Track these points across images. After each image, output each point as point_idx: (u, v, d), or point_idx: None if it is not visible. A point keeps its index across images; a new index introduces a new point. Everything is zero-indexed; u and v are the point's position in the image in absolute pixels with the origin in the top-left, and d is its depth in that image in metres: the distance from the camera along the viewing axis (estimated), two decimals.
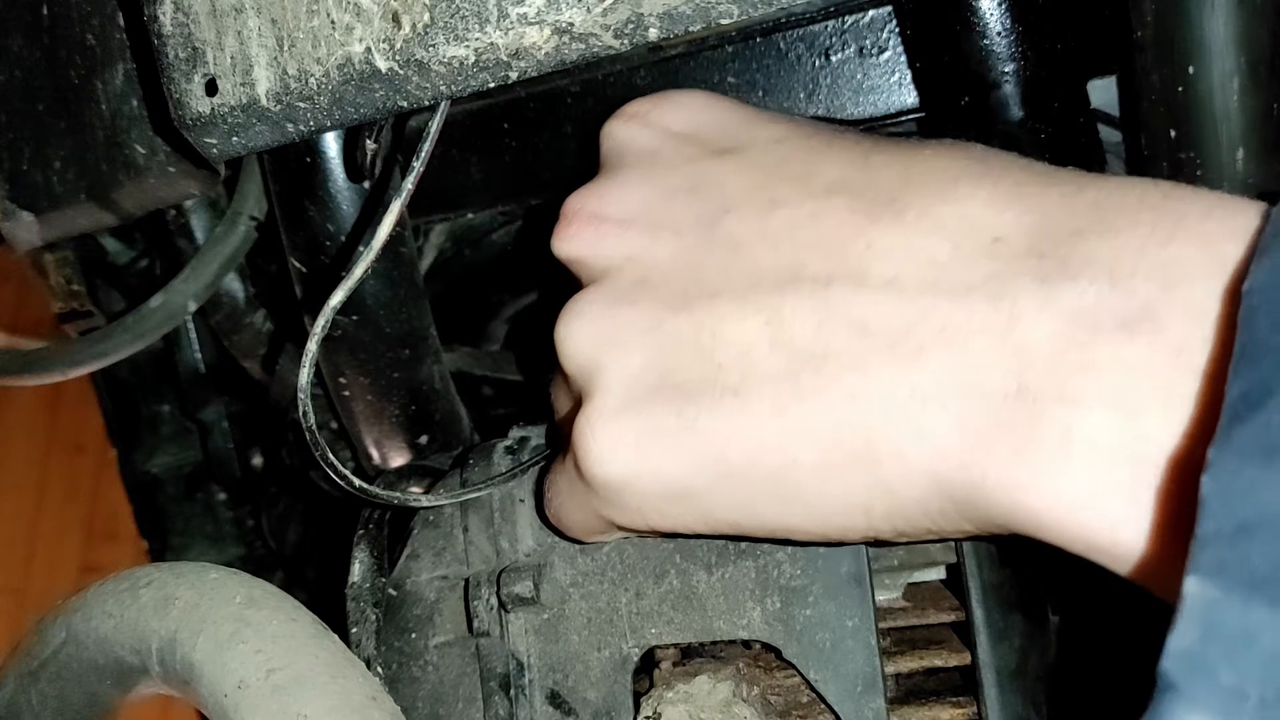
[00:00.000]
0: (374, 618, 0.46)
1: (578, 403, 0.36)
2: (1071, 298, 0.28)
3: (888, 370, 0.30)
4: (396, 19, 0.40)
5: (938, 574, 0.42)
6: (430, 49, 0.39)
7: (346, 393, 0.56)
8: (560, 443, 0.43)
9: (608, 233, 0.36)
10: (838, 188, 0.33)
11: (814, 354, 0.31)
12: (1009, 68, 0.43)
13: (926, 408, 0.29)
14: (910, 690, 0.41)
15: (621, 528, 0.37)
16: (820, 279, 0.32)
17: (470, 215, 0.62)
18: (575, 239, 0.37)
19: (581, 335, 0.35)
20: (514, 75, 0.40)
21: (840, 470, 0.31)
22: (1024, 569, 0.40)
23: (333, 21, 0.40)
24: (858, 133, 0.37)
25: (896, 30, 0.49)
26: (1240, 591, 0.21)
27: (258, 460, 0.85)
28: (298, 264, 0.53)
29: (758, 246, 0.33)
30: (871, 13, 0.49)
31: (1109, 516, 0.27)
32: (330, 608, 0.43)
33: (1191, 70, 0.37)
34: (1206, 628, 0.21)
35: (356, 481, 0.42)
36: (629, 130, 0.39)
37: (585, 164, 0.54)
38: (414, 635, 0.45)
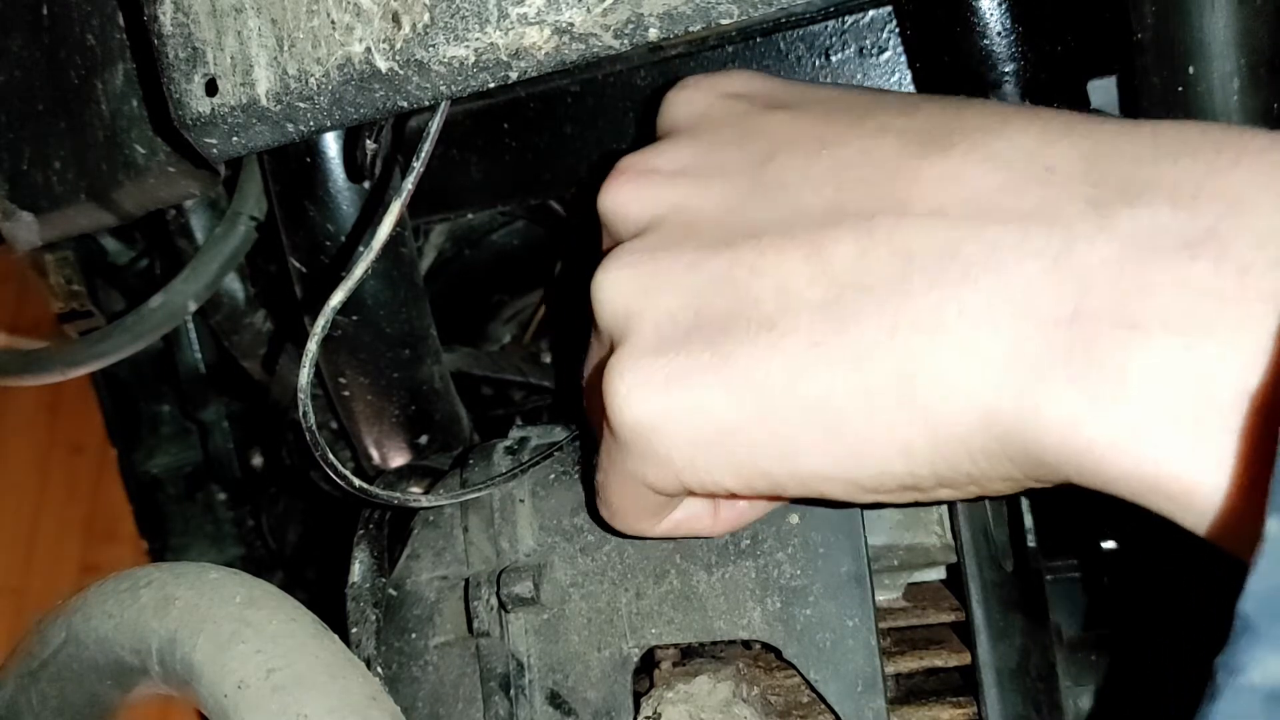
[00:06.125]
0: (374, 618, 0.46)
1: (610, 355, 0.35)
2: (1129, 222, 0.26)
3: (933, 293, 0.28)
4: (396, 19, 0.40)
5: (938, 574, 0.42)
6: (430, 49, 0.39)
7: (346, 393, 0.56)
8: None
9: (657, 182, 0.36)
10: (887, 128, 0.33)
11: (854, 283, 0.30)
12: (1009, 68, 0.43)
13: (975, 331, 0.28)
14: (910, 690, 0.41)
15: (658, 492, 0.35)
16: (864, 212, 0.31)
17: (470, 215, 0.62)
18: (623, 189, 0.37)
19: (618, 282, 0.34)
20: (514, 75, 0.40)
21: (879, 404, 0.29)
22: (1024, 567, 0.40)
23: (333, 21, 0.40)
24: (905, 93, 0.37)
25: (896, 30, 0.49)
26: None
27: (258, 460, 0.85)
28: (298, 264, 0.53)
29: (803, 186, 0.33)
30: (871, 13, 0.49)
31: (1170, 449, 0.25)
32: (330, 608, 0.43)
33: (1191, 70, 0.37)
34: None
35: (356, 481, 0.42)
36: (683, 95, 0.39)
37: (584, 161, 0.54)
38: (414, 635, 0.45)
